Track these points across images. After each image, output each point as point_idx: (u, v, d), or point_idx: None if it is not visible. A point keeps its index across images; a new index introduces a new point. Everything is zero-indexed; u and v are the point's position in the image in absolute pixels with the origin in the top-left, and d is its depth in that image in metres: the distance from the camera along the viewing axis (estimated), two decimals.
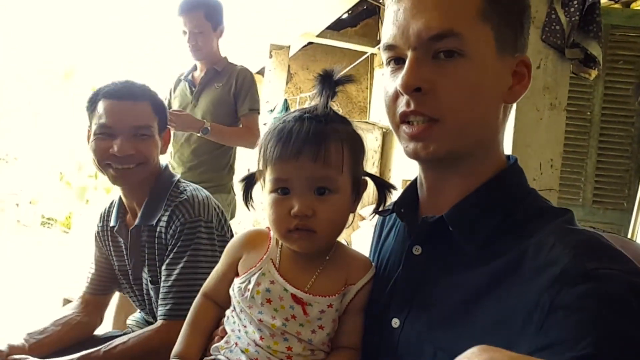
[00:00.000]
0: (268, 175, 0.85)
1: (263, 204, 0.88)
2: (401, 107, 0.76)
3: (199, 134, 2.49)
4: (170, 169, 1.62)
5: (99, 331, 1.60)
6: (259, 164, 0.88)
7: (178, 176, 1.52)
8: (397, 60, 0.78)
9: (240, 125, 2.66)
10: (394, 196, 0.95)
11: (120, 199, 1.52)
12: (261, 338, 0.85)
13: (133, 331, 1.54)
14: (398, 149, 5.14)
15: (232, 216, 2.74)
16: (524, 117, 2.11)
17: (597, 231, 0.72)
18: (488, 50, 0.74)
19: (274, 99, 5.87)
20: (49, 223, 8.99)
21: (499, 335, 0.66)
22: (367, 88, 6.88)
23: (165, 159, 1.62)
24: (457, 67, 0.73)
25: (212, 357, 0.90)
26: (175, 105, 2.76)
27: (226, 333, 0.91)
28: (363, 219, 4.67)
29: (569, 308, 0.59)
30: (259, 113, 2.74)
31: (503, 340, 0.65)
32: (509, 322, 0.65)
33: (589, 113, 3.17)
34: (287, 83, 6.40)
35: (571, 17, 2.05)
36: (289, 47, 6.06)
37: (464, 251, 0.75)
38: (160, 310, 1.33)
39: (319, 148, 0.81)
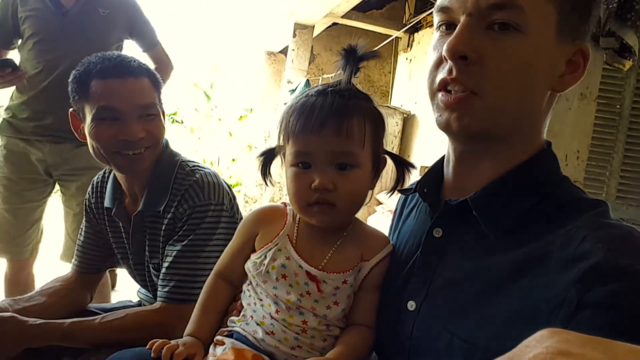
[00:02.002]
0: (289, 149, 0.85)
1: (282, 178, 0.88)
2: (442, 73, 0.73)
3: None
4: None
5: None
6: (279, 138, 0.88)
7: (181, 155, 1.38)
8: (448, 25, 0.74)
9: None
10: (412, 176, 0.93)
11: (114, 179, 1.38)
12: (277, 311, 0.85)
13: (143, 304, 1.51)
14: (419, 134, 5.07)
15: None
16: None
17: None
18: (547, 31, 0.69)
19: (296, 79, 5.83)
20: None
21: (522, 327, 0.63)
22: (389, 72, 6.79)
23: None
24: (510, 41, 0.69)
25: (228, 329, 0.90)
26: (25, 28, 2.12)
27: (243, 307, 0.91)
28: (380, 203, 4.64)
29: (600, 306, 0.56)
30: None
31: (525, 333, 0.63)
32: (532, 315, 0.63)
33: (618, 106, 3.08)
34: (309, 63, 6.34)
35: (609, 4, 1.98)
36: (313, 27, 6.00)
37: (487, 237, 0.73)
38: (159, 292, 1.25)
39: (342, 122, 0.80)
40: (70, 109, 1.31)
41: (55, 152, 2.18)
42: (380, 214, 4.44)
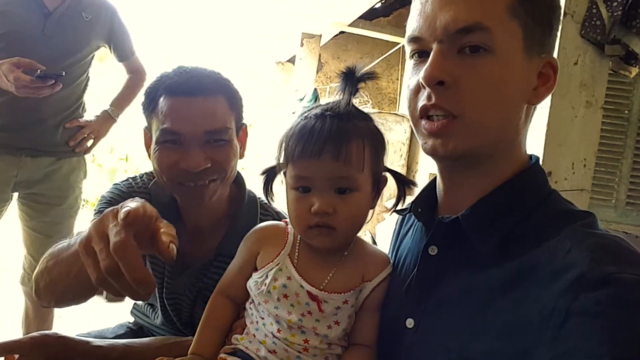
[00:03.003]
0: (289, 172, 0.86)
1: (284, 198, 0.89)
2: (422, 100, 0.75)
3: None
4: None
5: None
6: (279, 158, 0.88)
7: (254, 192, 1.21)
8: (420, 54, 0.76)
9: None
10: (414, 192, 0.94)
11: (174, 200, 1.18)
12: (279, 330, 0.85)
13: (142, 325, 1.39)
14: None
15: (85, 176, 2.25)
16: (558, 115, 2.05)
17: (627, 236, 0.69)
18: (515, 48, 0.72)
19: (304, 88, 5.86)
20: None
21: (515, 340, 0.65)
22: (397, 79, 6.80)
23: None
24: (482, 62, 0.71)
25: (232, 346, 0.90)
26: None
27: (247, 325, 0.92)
28: (388, 210, 4.62)
29: (587, 314, 0.58)
30: None
31: (518, 346, 0.64)
32: (524, 328, 0.64)
33: (626, 112, 3.06)
34: (317, 72, 6.37)
35: (613, 11, 1.98)
36: (320, 36, 6.03)
37: (479, 253, 0.74)
38: None
39: (340, 147, 0.80)
40: (144, 126, 1.18)
41: (30, 167, 2.03)
42: (389, 222, 4.44)
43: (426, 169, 4.84)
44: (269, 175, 0.94)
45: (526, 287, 0.66)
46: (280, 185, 0.94)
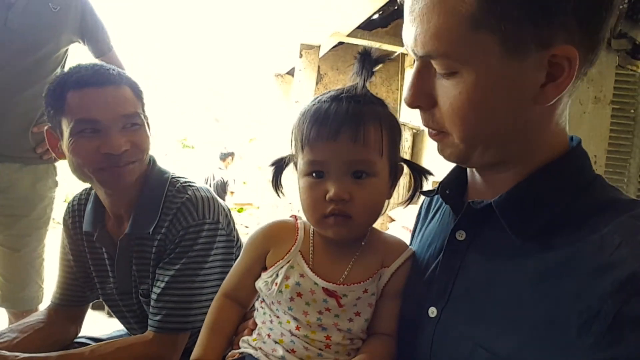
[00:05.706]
0: (302, 158, 0.81)
1: (296, 188, 0.84)
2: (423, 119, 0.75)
3: None
4: None
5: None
6: (291, 146, 0.84)
7: (170, 172, 1.26)
8: None
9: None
10: (427, 184, 0.90)
11: (96, 200, 1.27)
12: (297, 328, 0.80)
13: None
14: (429, 149, 5.03)
15: (56, 184, 2.07)
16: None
17: None
18: (491, 57, 0.64)
19: (304, 100, 5.85)
20: None
21: (549, 337, 0.60)
22: (397, 89, 6.79)
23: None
24: (455, 83, 0.67)
25: (240, 350, 0.85)
26: None
27: (256, 325, 0.87)
28: (392, 220, 4.57)
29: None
30: None
31: (552, 344, 0.59)
32: (560, 325, 0.59)
33: (632, 111, 3.02)
34: (316, 83, 6.36)
35: (619, 4, 1.95)
36: (319, 47, 6.03)
37: (512, 240, 0.69)
38: (150, 320, 1.15)
39: (359, 128, 0.77)
40: (46, 127, 1.20)
41: None
42: (393, 231, 4.38)
43: (430, 178, 4.79)
44: (278, 167, 0.89)
45: (565, 281, 0.61)
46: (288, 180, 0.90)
